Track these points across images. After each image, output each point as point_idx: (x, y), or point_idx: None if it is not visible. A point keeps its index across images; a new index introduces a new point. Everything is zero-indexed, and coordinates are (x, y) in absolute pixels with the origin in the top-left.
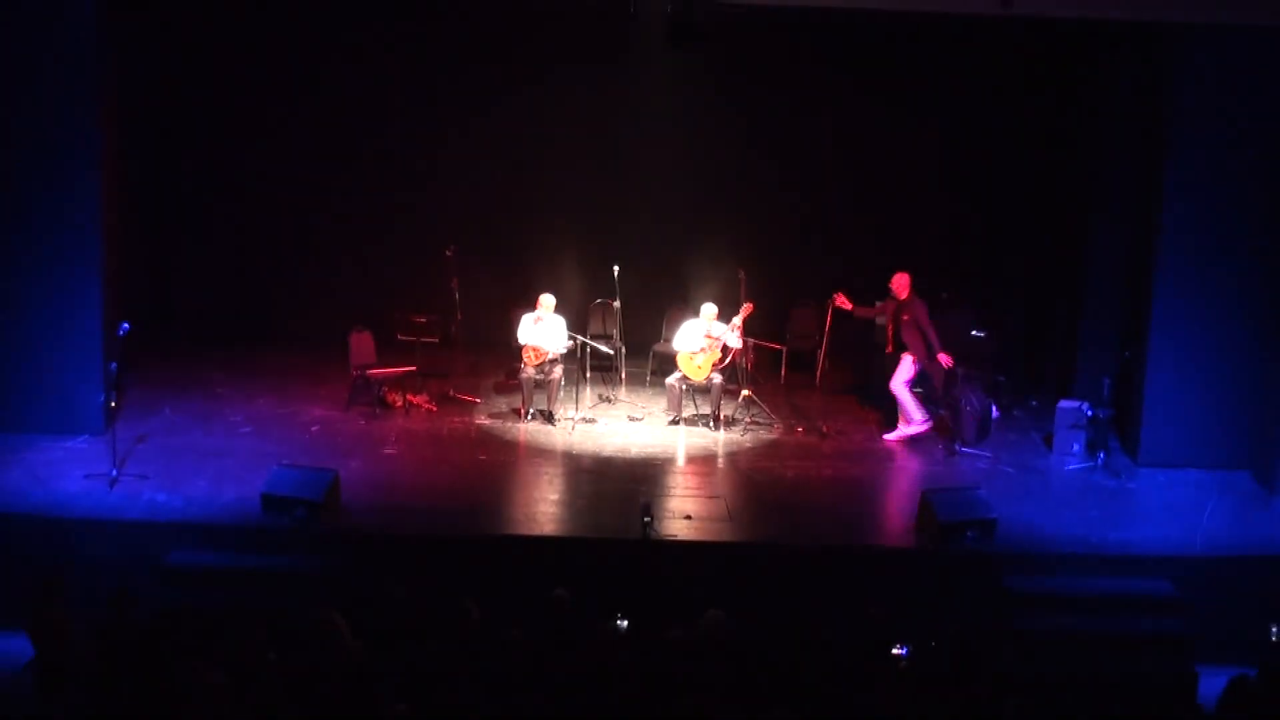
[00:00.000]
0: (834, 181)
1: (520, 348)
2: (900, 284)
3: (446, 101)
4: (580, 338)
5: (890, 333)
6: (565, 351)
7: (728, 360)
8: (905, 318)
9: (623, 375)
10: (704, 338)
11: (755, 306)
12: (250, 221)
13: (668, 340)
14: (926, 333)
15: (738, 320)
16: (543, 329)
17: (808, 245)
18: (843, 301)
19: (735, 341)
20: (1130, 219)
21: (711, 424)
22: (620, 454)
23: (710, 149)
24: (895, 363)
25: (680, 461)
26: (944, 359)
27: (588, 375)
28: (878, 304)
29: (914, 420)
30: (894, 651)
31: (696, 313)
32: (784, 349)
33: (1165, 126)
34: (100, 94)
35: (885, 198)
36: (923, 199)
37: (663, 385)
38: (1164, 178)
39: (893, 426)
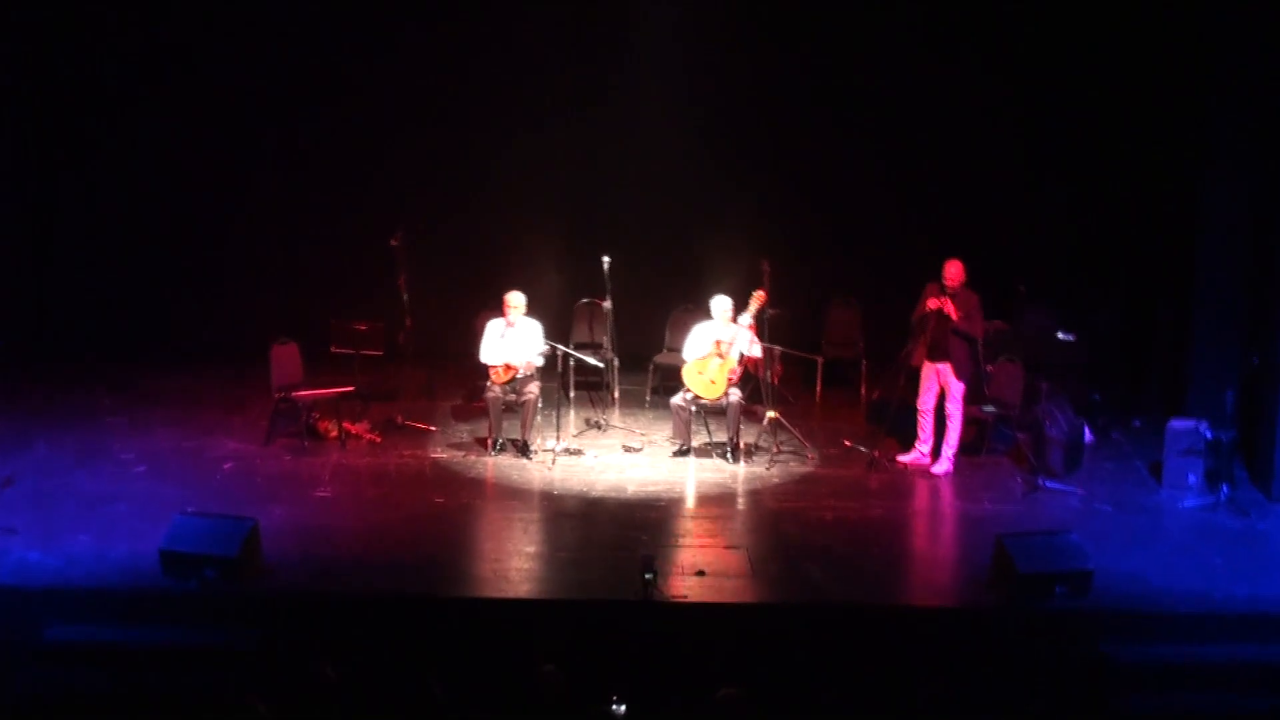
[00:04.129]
0: (880, 151)
1: (485, 363)
2: (956, 273)
3: (389, 56)
4: (561, 348)
5: (930, 337)
6: (542, 365)
7: (745, 373)
8: (959, 316)
9: (616, 394)
10: (714, 344)
11: (782, 305)
12: (144, 215)
13: (672, 350)
14: (974, 323)
15: (747, 317)
16: (513, 337)
17: (848, 231)
18: (948, 307)
19: (754, 347)
20: (1256, 190)
21: (729, 454)
22: (614, 494)
23: (726, 111)
24: (934, 376)
25: (690, 503)
26: (948, 306)
27: (571, 395)
28: (931, 303)
29: (926, 448)
30: None
31: (709, 314)
32: (820, 359)
33: None
34: None
35: (945, 171)
36: (993, 171)
37: (666, 406)
38: None
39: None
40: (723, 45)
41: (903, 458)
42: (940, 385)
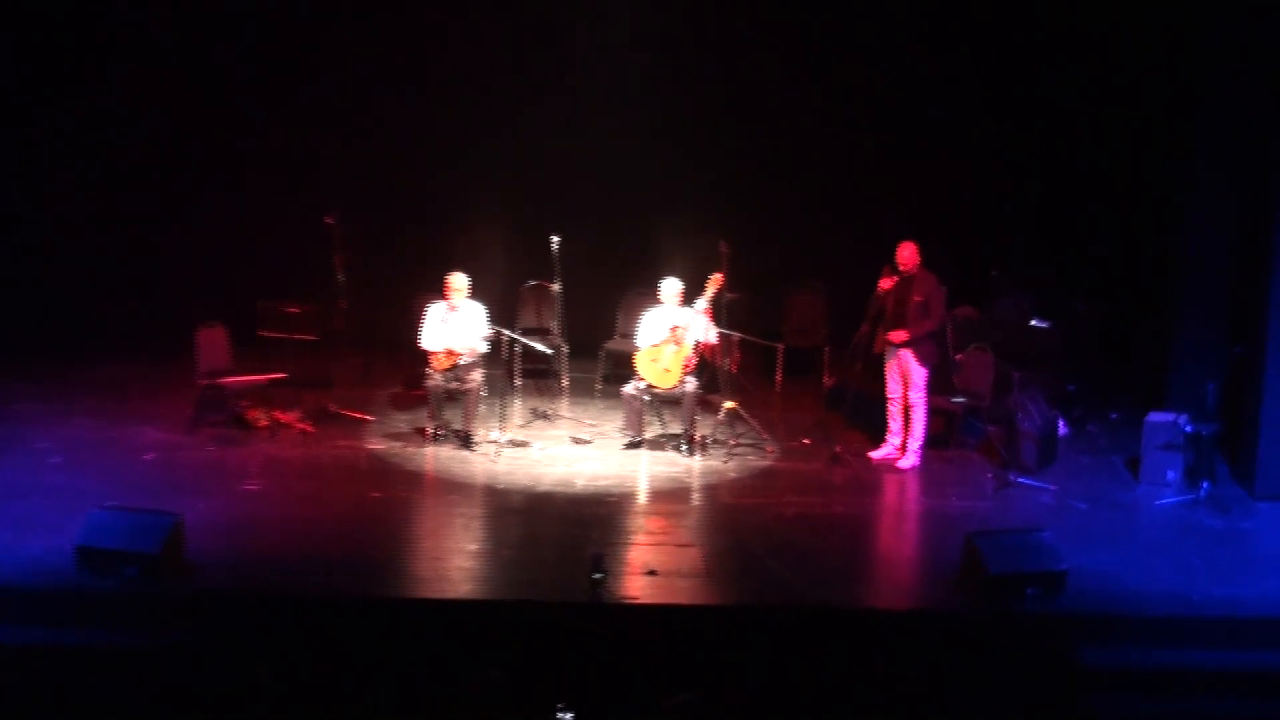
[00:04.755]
0: (847, 128)
1: (425, 348)
2: (910, 255)
3: (325, 27)
4: (507, 333)
5: (889, 322)
6: (486, 351)
7: (701, 361)
8: (917, 299)
9: (564, 383)
10: (669, 330)
11: (740, 288)
12: (61, 192)
13: (624, 336)
14: (932, 315)
15: (703, 302)
16: (455, 322)
17: (812, 211)
18: (897, 336)
19: (710, 334)
20: (1241, 172)
21: (683, 447)
22: (561, 488)
23: (683, 83)
24: (895, 363)
25: (642, 498)
26: (898, 335)
27: (517, 383)
28: (881, 284)
29: (894, 440)
30: None
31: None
32: (780, 346)
33: None
34: None
35: (915, 150)
36: (965, 151)
37: (617, 396)
38: None
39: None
40: (680, 15)
41: (874, 454)
42: (902, 372)
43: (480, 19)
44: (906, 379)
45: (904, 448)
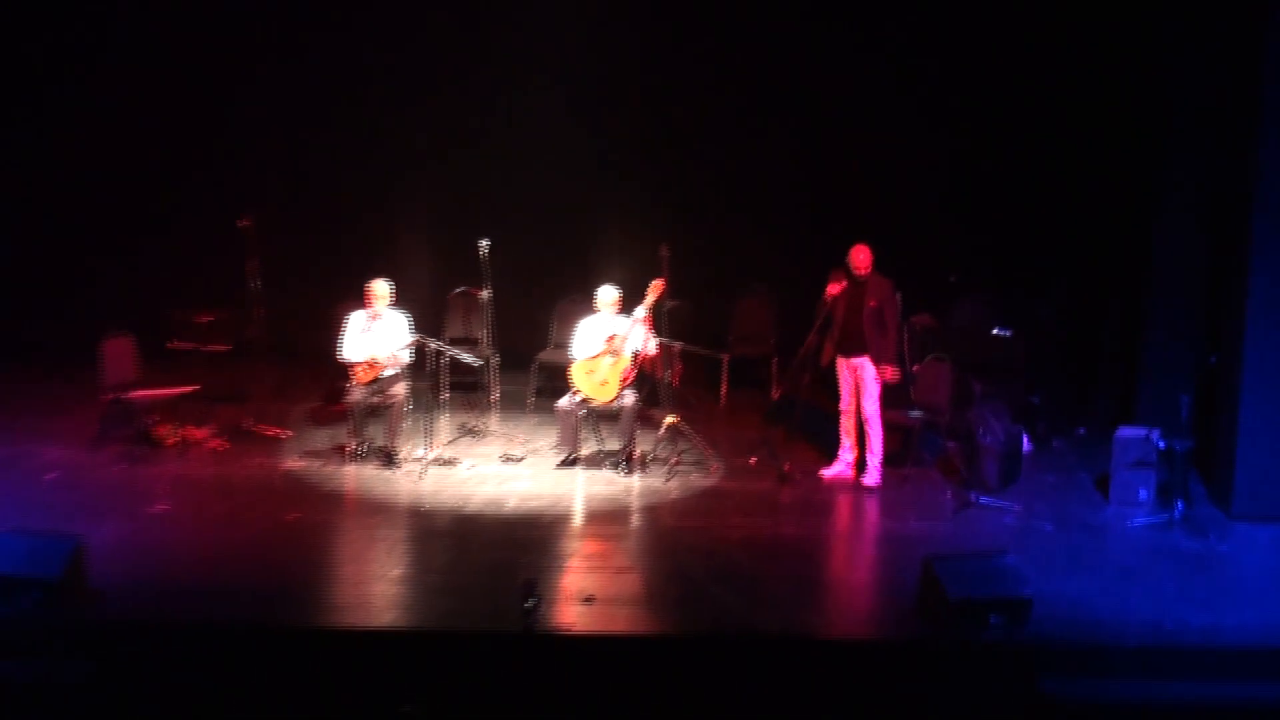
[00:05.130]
0: (794, 125)
1: (346, 360)
2: (865, 259)
3: (240, 16)
4: (433, 343)
5: (840, 330)
6: (410, 362)
7: (640, 373)
8: (871, 305)
9: (494, 396)
10: (606, 340)
11: (682, 295)
12: None
13: (559, 347)
14: (888, 329)
15: (642, 310)
16: (378, 331)
17: (758, 213)
18: (890, 373)
19: (650, 344)
20: (1215, 169)
21: (622, 465)
22: (491, 509)
23: (621, 77)
24: (847, 374)
25: (577, 520)
26: (889, 372)
27: (444, 397)
28: (829, 290)
29: (846, 456)
30: None
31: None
32: (725, 356)
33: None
34: None
35: (866, 149)
36: (920, 150)
37: (551, 410)
38: (1263, 110)
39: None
40: (617, 6)
41: (826, 471)
42: (855, 382)
43: (401, 11)
44: (860, 389)
45: (856, 465)
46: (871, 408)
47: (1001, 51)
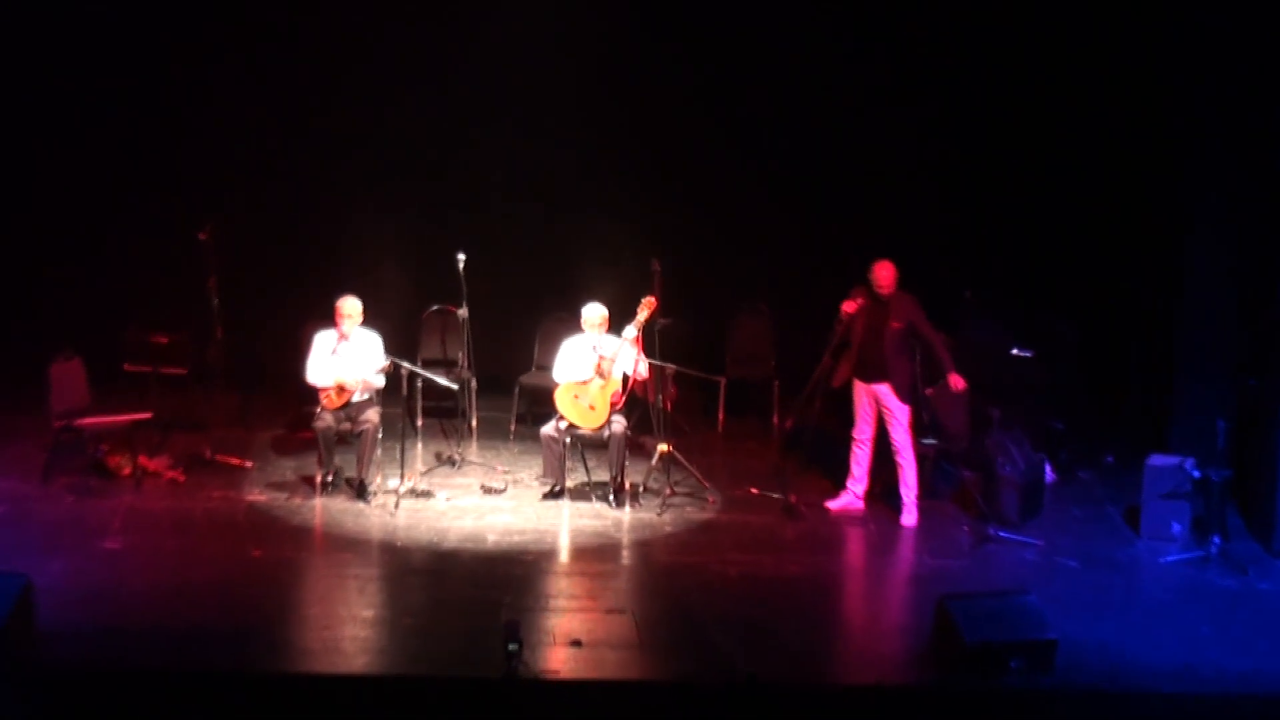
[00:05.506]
0: (797, 130)
1: (313, 384)
2: (885, 275)
3: (200, 12)
4: (407, 365)
5: (858, 353)
6: (382, 386)
7: (631, 397)
8: (894, 326)
9: (473, 423)
10: (593, 362)
11: (676, 313)
12: None
13: (543, 369)
14: (932, 345)
15: (633, 329)
16: (347, 353)
17: (758, 225)
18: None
19: (641, 366)
20: (1253, 173)
21: (611, 497)
22: (470, 545)
23: (609, 81)
24: (868, 400)
25: (563, 557)
26: (956, 380)
27: (419, 424)
28: (845, 307)
29: (855, 488)
30: None
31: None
32: (723, 380)
33: None
34: None
35: (875, 156)
36: (933, 157)
37: (535, 438)
38: None
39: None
40: (606, 5)
41: (832, 504)
42: (878, 411)
43: (380, 22)
44: (887, 418)
45: (865, 497)
46: (901, 437)
47: (1024, 56)
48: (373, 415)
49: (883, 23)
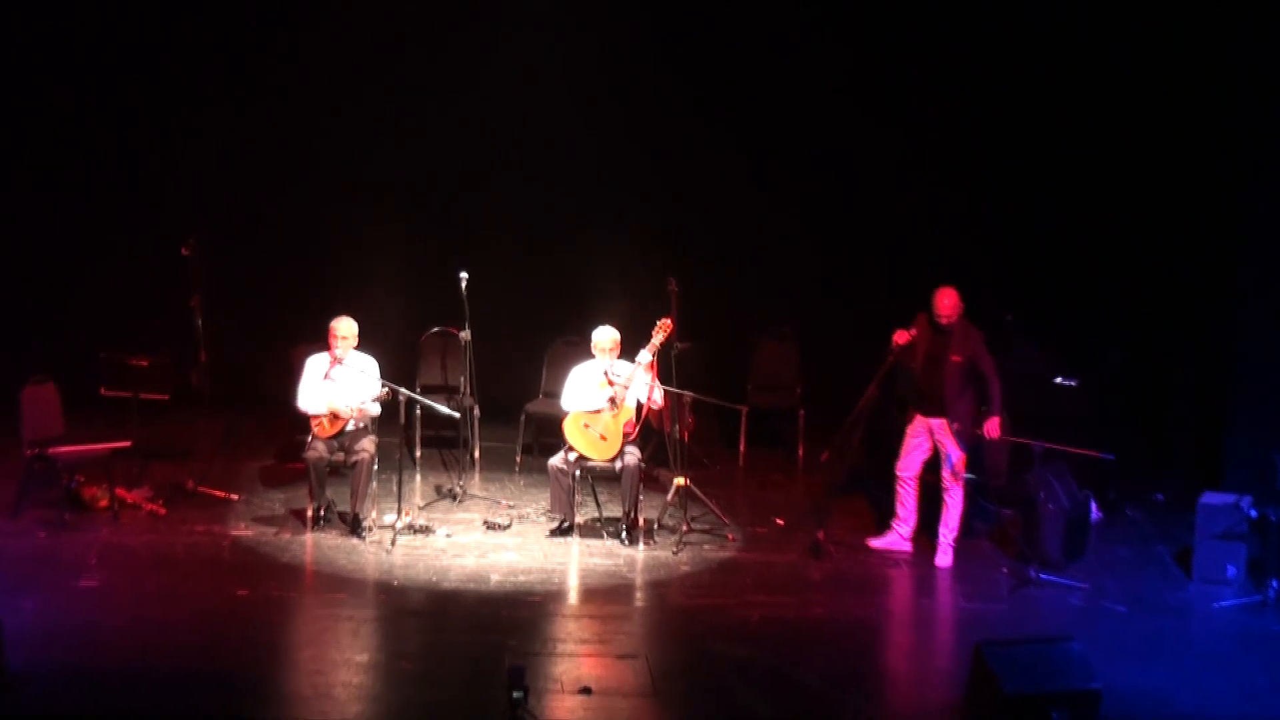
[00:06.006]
0: (826, 139)
1: (304, 411)
2: (951, 304)
3: (182, 11)
4: (405, 392)
5: (919, 385)
6: (378, 414)
7: (645, 427)
8: (954, 360)
9: (476, 454)
10: (605, 389)
11: (695, 337)
12: None
13: (550, 396)
14: (988, 385)
15: (647, 354)
16: (341, 378)
17: (784, 243)
18: (992, 428)
19: (656, 393)
20: None
21: (624, 534)
22: (472, 585)
23: (625, 85)
24: (923, 437)
25: (572, 597)
26: (991, 427)
27: (418, 455)
28: (897, 337)
29: (907, 530)
30: None
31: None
32: (744, 409)
33: None
34: None
35: (910, 170)
36: (972, 173)
37: (542, 470)
38: None
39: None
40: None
41: (875, 541)
42: (932, 447)
43: (379, 25)
44: (943, 455)
45: (910, 538)
46: (953, 476)
47: (1072, 70)
48: (368, 445)
49: (920, 39)
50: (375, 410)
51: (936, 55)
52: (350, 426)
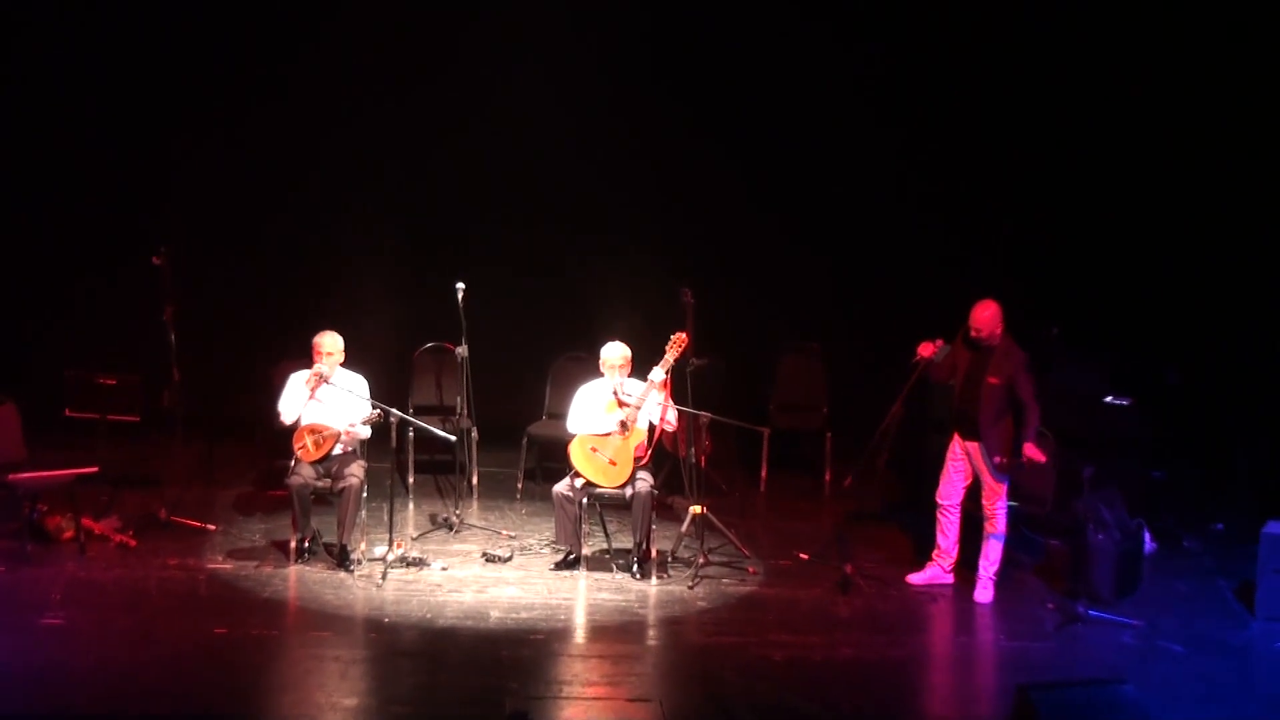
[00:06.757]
0: (854, 140)
1: (288, 430)
2: (988, 319)
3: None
4: (396, 413)
5: (956, 406)
6: (368, 437)
7: (658, 450)
8: (991, 381)
9: (474, 481)
10: (616, 421)
11: (712, 352)
12: None
13: (555, 417)
14: (1024, 410)
15: (660, 371)
16: (327, 398)
17: (808, 251)
18: (1033, 452)
19: (667, 412)
20: None
21: (635, 567)
22: (470, 623)
23: (634, 86)
24: (962, 461)
25: (579, 635)
26: (1030, 450)
27: (411, 481)
28: (922, 350)
29: (949, 562)
30: None
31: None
32: (766, 431)
33: None
34: None
35: (949, 173)
36: (1014, 176)
37: (546, 498)
38: None
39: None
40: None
41: (916, 578)
42: (973, 473)
43: (370, 22)
44: (982, 482)
45: (952, 570)
46: (995, 505)
47: (1121, 80)
48: (357, 471)
49: (957, 45)
50: (365, 433)
51: (980, 55)
52: (337, 450)
